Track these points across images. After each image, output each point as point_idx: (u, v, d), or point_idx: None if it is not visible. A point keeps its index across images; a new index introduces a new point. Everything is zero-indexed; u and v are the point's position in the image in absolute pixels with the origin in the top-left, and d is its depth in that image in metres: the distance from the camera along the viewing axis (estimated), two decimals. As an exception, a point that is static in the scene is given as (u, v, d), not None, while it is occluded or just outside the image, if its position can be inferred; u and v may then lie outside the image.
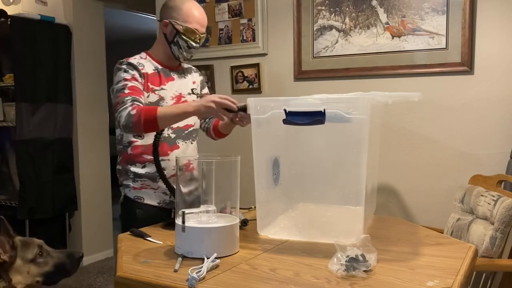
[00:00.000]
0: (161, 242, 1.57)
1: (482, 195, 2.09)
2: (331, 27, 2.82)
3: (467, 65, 2.47)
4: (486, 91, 2.47)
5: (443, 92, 2.56)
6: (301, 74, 2.93)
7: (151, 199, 1.99)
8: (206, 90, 2.22)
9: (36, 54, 3.65)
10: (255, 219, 1.68)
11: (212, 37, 3.21)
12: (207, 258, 1.31)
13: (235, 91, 3.16)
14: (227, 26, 3.16)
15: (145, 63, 1.98)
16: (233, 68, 3.15)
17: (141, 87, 1.91)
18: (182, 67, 2.11)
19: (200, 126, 2.19)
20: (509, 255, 2.08)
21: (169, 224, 1.78)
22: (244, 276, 1.25)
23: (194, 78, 2.15)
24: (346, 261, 1.24)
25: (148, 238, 1.61)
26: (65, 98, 3.87)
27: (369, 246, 1.31)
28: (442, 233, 2.03)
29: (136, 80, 1.90)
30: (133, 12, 5.20)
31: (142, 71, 1.93)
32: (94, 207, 4.17)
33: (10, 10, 3.67)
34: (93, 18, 4.09)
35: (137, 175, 1.98)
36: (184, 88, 2.07)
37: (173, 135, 2.00)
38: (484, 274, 1.99)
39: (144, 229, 1.73)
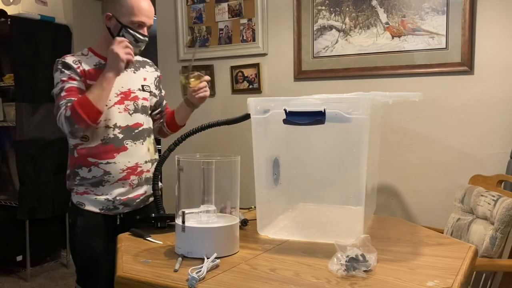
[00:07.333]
0: (161, 242, 1.57)
1: (482, 195, 2.09)
2: (331, 27, 2.82)
3: (467, 65, 2.47)
4: (486, 91, 2.47)
5: (443, 92, 2.56)
6: (301, 74, 2.93)
7: (92, 205, 1.88)
8: (163, 92, 2.11)
9: (36, 54, 3.65)
10: (255, 219, 1.68)
11: (212, 37, 3.21)
12: (207, 258, 1.31)
13: (235, 91, 3.16)
14: (227, 26, 3.16)
15: (85, 59, 1.84)
16: (233, 68, 3.14)
17: (81, 85, 1.79)
18: (134, 60, 1.89)
19: (154, 126, 2.08)
20: (509, 255, 2.07)
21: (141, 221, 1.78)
22: (244, 276, 1.25)
23: (147, 75, 1.99)
24: (346, 261, 1.24)
25: (148, 238, 1.61)
26: (65, 98, 3.87)
27: (369, 246, 1.31)
28: (442, 233, 2.03)
29: (74, 80, 1.78)
30: (133, 12, 5.20)
31: (79, 69, 1.80)
32: (94, 207, 4.16)
33: (10, 10, 3.66)
34: (93, 18, 4.08)
35: (83, 179, 1.88)
36: (134, 83, 1.92)
37: (120, 135, 1.86)
38: (484, 274, 1.99)
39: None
